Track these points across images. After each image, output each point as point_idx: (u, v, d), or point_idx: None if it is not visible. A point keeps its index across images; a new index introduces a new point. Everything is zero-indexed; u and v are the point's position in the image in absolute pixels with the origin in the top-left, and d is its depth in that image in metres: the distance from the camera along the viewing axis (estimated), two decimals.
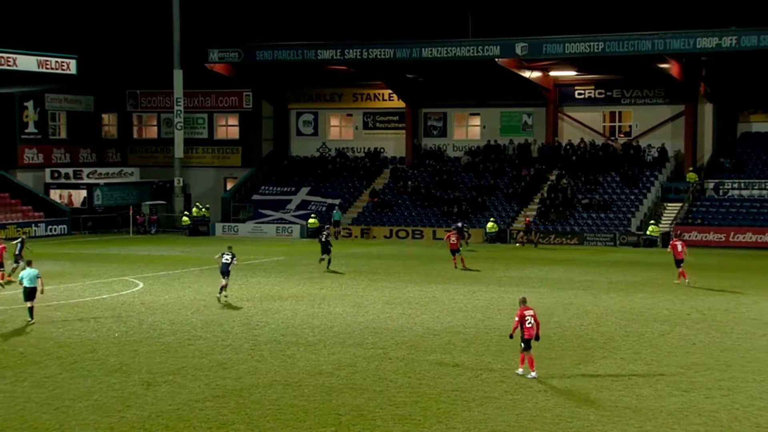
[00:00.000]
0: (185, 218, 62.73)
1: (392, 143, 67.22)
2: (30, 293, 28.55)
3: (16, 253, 39.16)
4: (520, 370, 21.86)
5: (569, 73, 62.57)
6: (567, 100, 63.60)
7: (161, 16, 66.29)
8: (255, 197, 65.18)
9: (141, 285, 36.89)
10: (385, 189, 64.20)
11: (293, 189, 65.25)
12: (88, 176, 65.90)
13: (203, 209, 63.37)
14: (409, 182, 63.81)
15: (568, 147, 62.78)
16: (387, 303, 32.60)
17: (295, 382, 21.27)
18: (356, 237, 59.23)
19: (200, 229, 61.72)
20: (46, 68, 59.64)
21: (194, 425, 17.97)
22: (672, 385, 21.00)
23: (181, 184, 66.15)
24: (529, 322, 21.48)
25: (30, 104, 65.24)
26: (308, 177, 66.04)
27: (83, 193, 65.61)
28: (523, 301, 22.05)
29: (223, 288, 32.97)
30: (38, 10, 72.73)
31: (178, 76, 64.13)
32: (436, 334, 26.96)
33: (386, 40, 61.87)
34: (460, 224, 53.34)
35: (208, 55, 63.49)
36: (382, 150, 67.32)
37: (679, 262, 37.81)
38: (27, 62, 58.51)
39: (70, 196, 65.86)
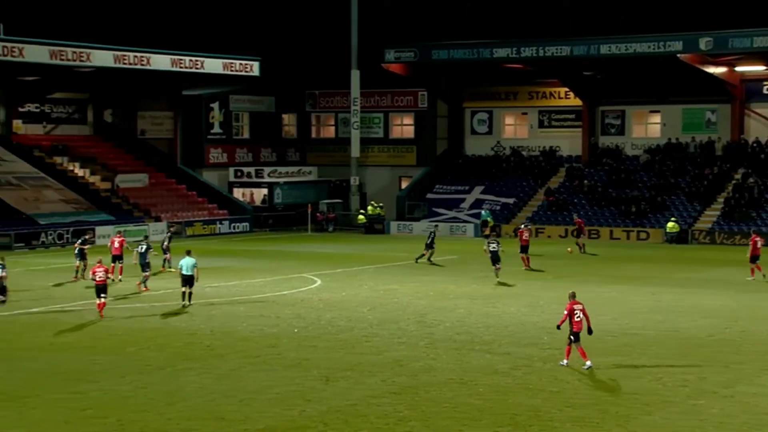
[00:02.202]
0: (361, 216, 63.74)
1: (568, 142, 66.23)
2: (188, 280, 30.84)
3: (165, 245, 40.66)
4: (565, 362, 22.40)
5: (757, 68, 59.91)
6: (754, 96, 60.95)
7: (340, 18, 67.59)
8: (429, 196, 65.52)
9: (319, 282, 37.71)
10: (560, 188, 63.35)
11: (467, 188, 65.25)
12: (268, 175, 67.89)
13: (378, 207, 64.23)
14: (585, 181, 62.71)
15: (755, 145, 60.19)
16: (562, 303, 31.77)
17: (470, 380, 21.28)
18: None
19: (376, 227, 62.59)
20: (231, 70, 61.72)
21: (371, 421, 18.24)
22: None
23: (357, 182, 67.25)
24: (578, 316, 22.31)
25: (215, 105, 67.78)
26: (482, 176, 65.86)
27: (264, 191, 67.65)
28: (572, 296, 22.85)
29: (498, 270, 37.67)
30: (223, 14, 75.48)
31: (355, 76, 65.26)
32: (614, 336, 26.39)
33: (563, 37, 60.99)
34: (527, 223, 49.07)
35: (384, 55, 64.27)
36: (557, 149, 66.44)
37: (755, 258, 37.92)
38: (213, 65, 60.74)
39: (251, 194, 68.05)
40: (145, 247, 35.93)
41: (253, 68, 62.65)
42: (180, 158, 65.86)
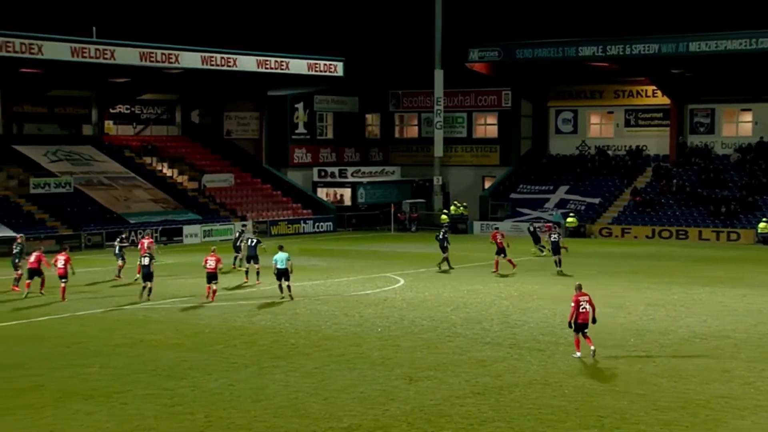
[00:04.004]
0: (444, 216, 63.61)
1: (655, 141, 65.17)
2: (283, 273, 32.32)
3: (237, 244, 41.20)
4: (578, 354, 23.01)
5: None
6: None
7: (423, 18, 67.61)
8: (513, 196, 65.16)
9: (402, 281, 37.77)
10: (647, 188, 62.37)
11: (551, 188, 64.69)
12: (352, 175, 68.27)
13: (461, 207, 64.06)
14: (674, 181, 61.65)
15: None
16: (649, 305, 31.66)
17: (555, 382, 21.09)
18: (616, 237, 57.93)
19: (459, 227, 62.43)
20: (315, 71, 62.23)
21: (455, 421, 18.20)
22: None
23: (440, 182, 67.19)
24: (583, 307, 22.96)
25: (300, 106, 68.39)
26: (567, 175, 65.25)
27: (347, 191, 68.01)
28: (579, 288, 23.43)
29: (558, 261, 40.22)
30: (308, 15, 76.14)
31: (438, 76, 65.19)
32: (703, 338, 25.89)
33: (650, 34, 60.02)
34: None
35: (468, 54, 64.11)
36: (644, 148, 65.43)
37: None
38: (298, 65, 61.32)
39: (335, 194, 68.49)
40: (255, 240, 37.39)
41: (337, 68, 63.06)
42: (265, 158, 66.64)
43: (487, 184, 67.99)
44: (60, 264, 33.26)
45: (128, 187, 58.33)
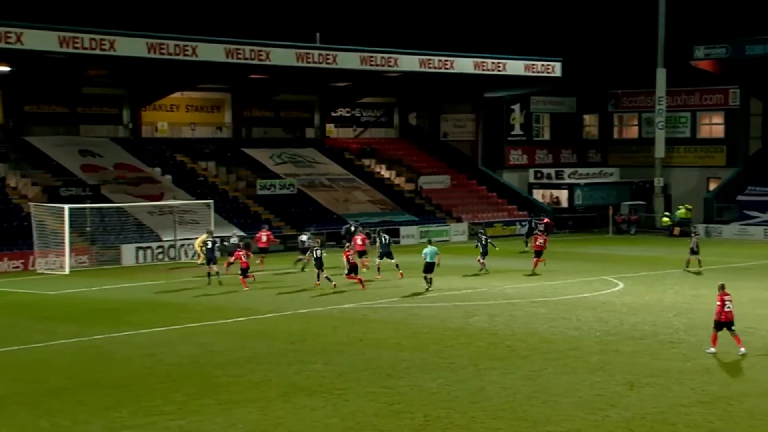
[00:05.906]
0: (665, 219, 61.69)
1: None
2: (430, 267, 34.93)
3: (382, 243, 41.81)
4: (712, 349, 23.67)
5: None
6: None
7: (645, 16, 65.81)
8: (740, 198, 62.33)
9: (621, 285, 36.90)
10: None
11: None
12: (569, 176, 67.33)
13: (688, 211, 61.77)
14: None
15: None
16: None
17: None
18: None
19: (683, 230, 60.27)
20: (532, 72, 61.81)
21: (680, 430, 17.59)
22: None
23: (662, 184, 65.18)
24: (728, 306, 23.59)
25: (516, 107, 68.12)
26: None
27: (564, 192, 67.10)
28: (722, 287, 24.01)
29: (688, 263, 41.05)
30: (525, 15, 75.74)
31: (661, 75, 63.25)
32: None
33: None
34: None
35: (692, 52, 61.89)
36: None
37: None
38: (515, 67, 61.09)
39: (551, 195, 67.74)
40: (387, 238, 39.46)
41: (555, 69, 62.38)
42: (481, 160, 66.77)
43: (712, 186, 65.38)
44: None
45: (348, 189, 59.87)
